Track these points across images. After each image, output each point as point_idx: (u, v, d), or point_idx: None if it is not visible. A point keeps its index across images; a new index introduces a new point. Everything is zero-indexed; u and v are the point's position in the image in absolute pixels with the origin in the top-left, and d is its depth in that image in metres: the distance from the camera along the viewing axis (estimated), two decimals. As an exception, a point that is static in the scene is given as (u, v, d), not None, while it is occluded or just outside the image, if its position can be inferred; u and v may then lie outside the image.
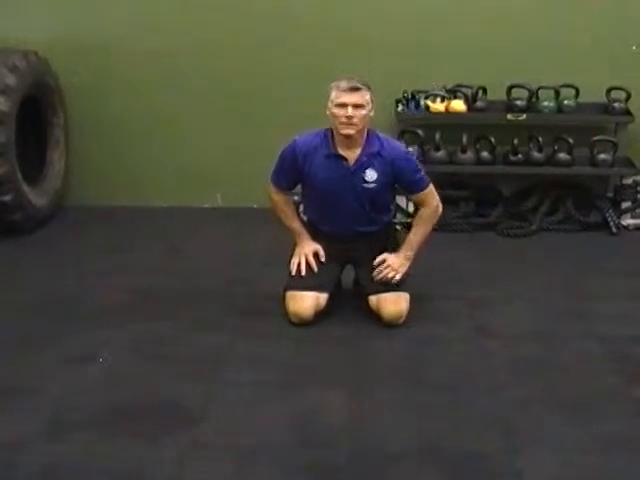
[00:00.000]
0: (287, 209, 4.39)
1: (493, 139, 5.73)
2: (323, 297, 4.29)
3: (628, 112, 5.79)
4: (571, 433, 3.41)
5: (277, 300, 4.34)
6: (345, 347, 4.13)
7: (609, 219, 5.70)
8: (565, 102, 5.81)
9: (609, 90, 5.80)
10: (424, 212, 4.29)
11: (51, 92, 5.83)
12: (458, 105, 5.78)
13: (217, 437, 3.40)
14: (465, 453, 3.29)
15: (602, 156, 5.74)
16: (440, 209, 4.31)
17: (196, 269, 5.07)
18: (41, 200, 5.71)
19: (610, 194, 5.88)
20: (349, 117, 4.07)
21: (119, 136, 6.15)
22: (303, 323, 4.25)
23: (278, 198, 4.37)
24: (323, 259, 4.34)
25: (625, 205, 5.84)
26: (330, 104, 4.15)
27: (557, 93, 5.81)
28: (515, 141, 5.74)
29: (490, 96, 5.87)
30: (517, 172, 5.85)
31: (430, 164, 5.76)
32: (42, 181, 5.84)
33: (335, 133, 4.19)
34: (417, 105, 5.82)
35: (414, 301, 4.33)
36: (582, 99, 5.83)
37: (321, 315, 4.33)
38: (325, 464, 3.22)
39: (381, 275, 4.24)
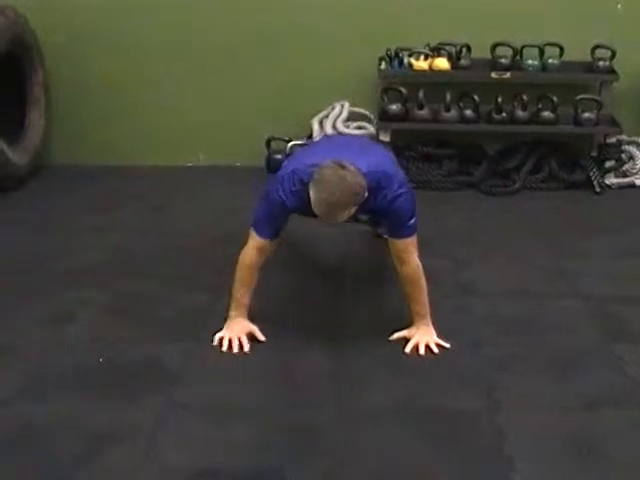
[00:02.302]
0: (252, 279, 3.75)
1: (477, 97, 5.68)
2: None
3: (613, 71, 5.76)
4: (553, 391, 3.42)
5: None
6: (328, 304, 4.13)
7: (593, 178, 5.68)
8: (549, 60, 5.77)
9: (594, 48, 5.76)
10: (405, 272, 3.69)
11: (30, 49, 5.74)
12: (442, 63, 5.73)
13: (197, 396, 3.39)
14: (447, 411, 3.30)
15: (586, 115, 5.70)
16: (421, 269, 3.69)
17: (177, 228, 5.03)
18: (21, 159, 5.65)
19: (594, 153, 5.85)
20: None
21: (100, 95, 6.07)
22: None
23: (256, 259, 3.70)
24: (262, 338, 3.77)
25: (609, 164, 5.81)
26: (311, 182, 3.41)
27: (542, 51, 5.77)
28: (499, 99, 5.71)
29: (474, 54, 5.82)
30: (501, 130, 5.82)
31: (413, 122, 5.76)
32: (22, 140, 5.77)
33: None
34: (401, 63, 5.77)
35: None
36: (567, 57, 5.79)
37: (307, 268, 4.33)
38: (307, 423, 3.22)
39: (422, 352, 3.71)
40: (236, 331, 3.74)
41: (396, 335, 3.79)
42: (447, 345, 3.73)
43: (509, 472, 2.94)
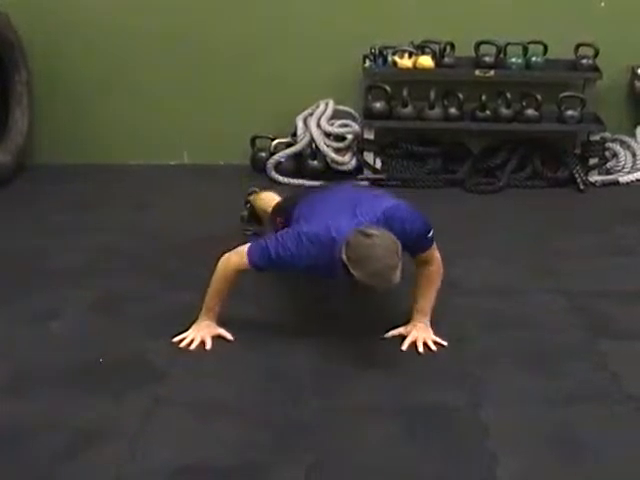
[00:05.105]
0: (227, 292, 3.74)
1: (461, 95, 5.69)
2: None
3: (596, 68, 5.77)
4: (536, 386, 3.43)
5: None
6: (312, 303, 4.13)
7: (576, 176, 5.69)
8: (533, 58, 5.78)
9: (577, 46, 5.77)
10: (428, 270, 3.73)
11: (12, 48, 5.70)
12: (426, 61, 5.73)
13: (182, 393, 3.40)
14: (431, 407, 3.31)
15: (570, 112, 5.72)
16: (442, 269, 3.76)
17: (162, 226, 5.02)
18: (4, 158, 5.62)
19: (578, 151, 5.86)
20: None
21: (83, 93, 6.04)
22: None
23: (236, 276, 3.70)
24: (230, 338, 3.77)
25: (593, 162, 5.82)
26: (349, 263, 3.34)
27: (525, 49, 5.77)
28: (483, 97, 5.71)
29: (458, 52, 5.82)
30: (485, 128, 5.82)
31: (398, 120, 5.76)
32: (5, 139, 5.74)
33: None
34: (385, 61, 5.76)
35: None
36: (550, 55, 5.80)
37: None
38: (291, 420, 3.22)
39: (421, 349, 3.70)
40: (202, 332, 3.74)
41: (392, 332, 3.78)
42: (444, 343, 3.72)
43: (492, 466, 2.95)
